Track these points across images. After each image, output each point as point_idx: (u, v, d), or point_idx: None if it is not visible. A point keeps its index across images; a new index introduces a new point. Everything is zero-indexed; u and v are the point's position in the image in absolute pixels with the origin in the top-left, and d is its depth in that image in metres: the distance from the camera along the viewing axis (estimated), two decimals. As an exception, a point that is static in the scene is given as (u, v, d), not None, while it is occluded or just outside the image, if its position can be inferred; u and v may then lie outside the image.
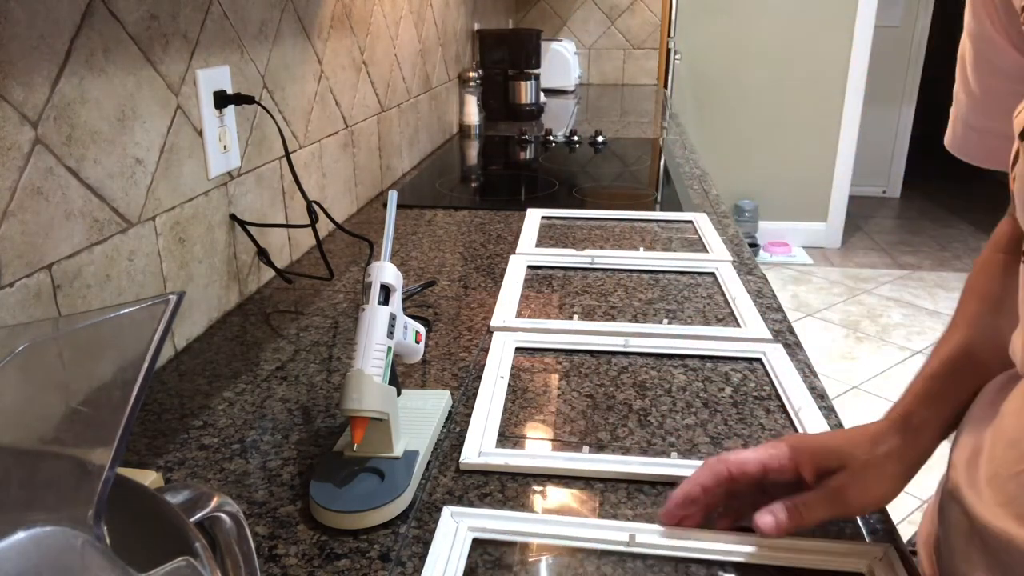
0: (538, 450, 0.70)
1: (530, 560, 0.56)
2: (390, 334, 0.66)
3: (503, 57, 2.53)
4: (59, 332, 0.35)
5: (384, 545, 0.58)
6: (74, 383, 0.34)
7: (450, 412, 0.75)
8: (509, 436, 0.72)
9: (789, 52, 3.97)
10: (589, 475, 0.65)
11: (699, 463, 0.65)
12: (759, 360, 0.86)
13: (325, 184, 1.29)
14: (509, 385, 0.81)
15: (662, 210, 1.47)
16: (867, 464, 0.56)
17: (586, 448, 0.69)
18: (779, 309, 1.00)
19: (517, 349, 0.88)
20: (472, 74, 2.23)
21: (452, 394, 0.77)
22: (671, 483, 0.64)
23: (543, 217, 1.38)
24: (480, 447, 0.69)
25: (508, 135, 2.28)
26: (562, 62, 3.15)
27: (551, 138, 2.15)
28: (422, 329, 0.75)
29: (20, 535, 0.29)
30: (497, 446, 0.70)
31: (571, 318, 0.96)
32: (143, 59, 0.79)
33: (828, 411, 0.75)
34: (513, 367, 0.85)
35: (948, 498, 0.56)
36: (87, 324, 0.34)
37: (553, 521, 0.60)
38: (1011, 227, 0.61)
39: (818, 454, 0.57)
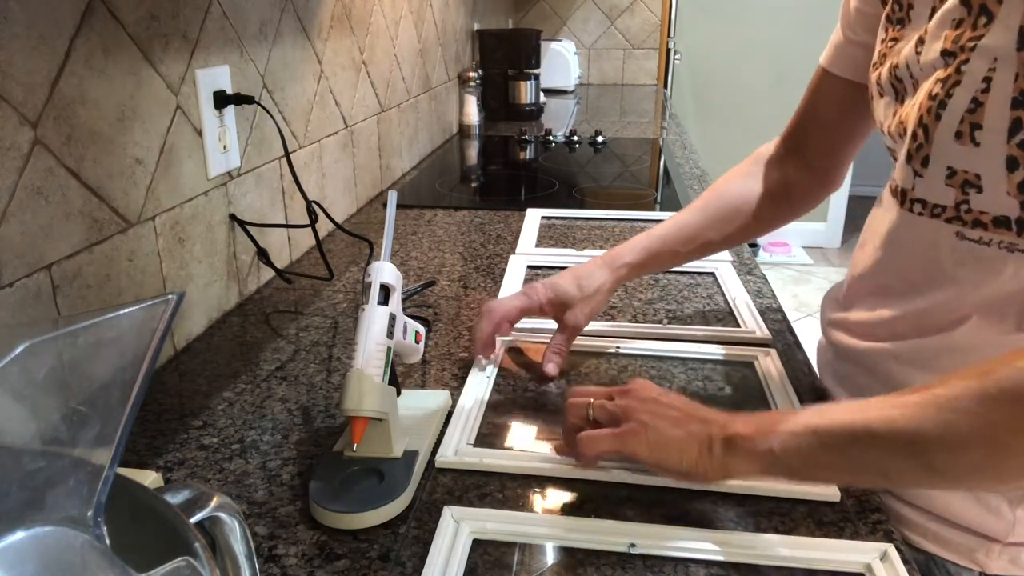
0: (528, 450, 0.70)
1: (530, 560, 0.56)
2: (390, 334, 0.66)
3: (503, 57, 2.53)
4: (59, 332, 0.35)
5: (384, 545, 0.58)
6: (74, 383, 0.34)
7: (450, 412, 0.75)
8: (499, 436, 0.72)
9: (789, 52, 3.97)
10: (564, 477, 0.65)
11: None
12: (758, 359, 0.86)
13: (325, 184, 1.29)
14: (510, 385, 0.81)
15: (662, 210, 1.47)
16: (583, 300, 0.83)
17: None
18: (779, 309, 1.00)
19: (516, 349, 0.88)
20: (472, 74, 2.23)
21: (452, 394, 0.77)
22: (656, 487, 0.64)
23: (543, 217, 1.38)
24: (457, 445, 0.69)
25: (508, 135, 2.28)
26: (562, 62, 3.15)
27: (551, 138, 2.15)
28: (422, 329, 0.75)
29: (20, 535, 0.29)
30: (485, 446, 0.70)
31: (571, 318, 0.96)
32: (143, 59, 0.79)
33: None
34: (512, 367, 0.85)
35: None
36: (87, 324, 0.34)
37: (553, 522, 0.60)
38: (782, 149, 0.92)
39: (553, 300, 0.83)
